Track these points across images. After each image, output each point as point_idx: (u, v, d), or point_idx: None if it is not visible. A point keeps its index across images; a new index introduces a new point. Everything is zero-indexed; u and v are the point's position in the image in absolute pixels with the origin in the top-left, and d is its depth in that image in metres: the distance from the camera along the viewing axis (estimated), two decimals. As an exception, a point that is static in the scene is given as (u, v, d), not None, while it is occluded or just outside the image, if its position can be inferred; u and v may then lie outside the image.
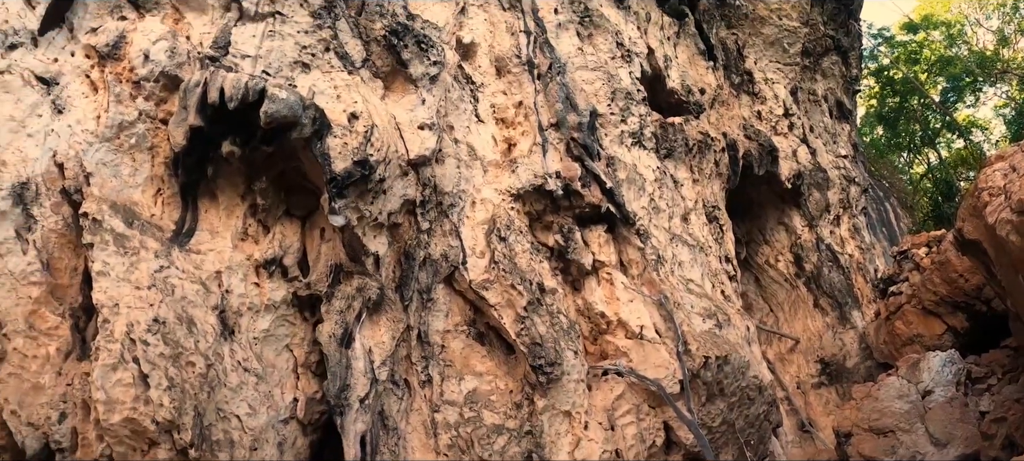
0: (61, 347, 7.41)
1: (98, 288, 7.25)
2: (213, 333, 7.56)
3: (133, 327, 7.09)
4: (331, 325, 8.00)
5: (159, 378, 6.99)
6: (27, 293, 7.37)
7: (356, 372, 7.96)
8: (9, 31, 8.40)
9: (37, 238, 7.54)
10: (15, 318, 7.29)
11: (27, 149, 7.83)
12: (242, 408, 7.56)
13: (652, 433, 9.20)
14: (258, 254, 8.14)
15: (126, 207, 7.69)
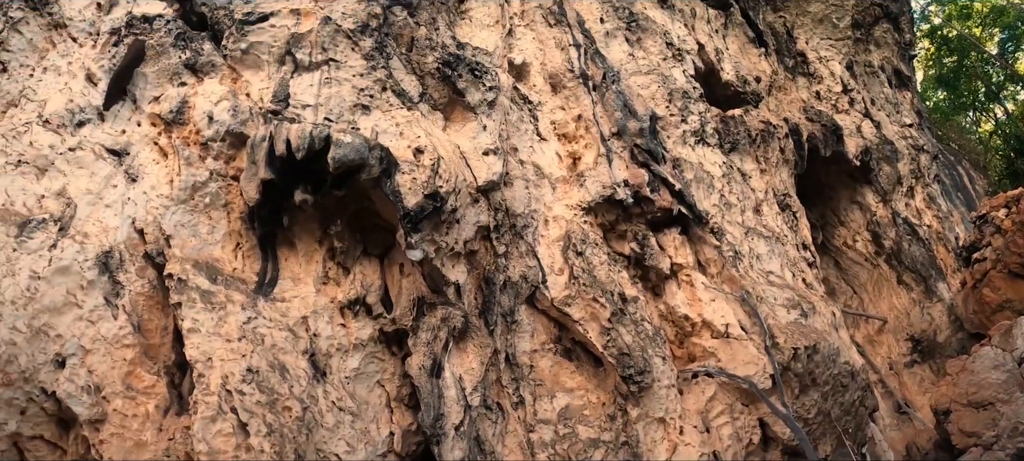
0: (159, 404, 7.58)
1: (190, 344, 7.46)
2: (306, 377, 7.69)
3: (228, 379, 7.27)
4: (420, 357, 8.06)
5: (258, 425, 7.13)
6: (122, 356, 7.58)
7: (449, 401, 8.00)
8: (75, 109, 8.73)
9: (126, 302, 7.77)
10: (112, 380, 7.49)
11: (107, 219, 8.11)
12: (340, 447, 7.66)
13: (748, 431, 9.09)
14: (341, 296, 8.28)
15: (208, 264, 7.92)
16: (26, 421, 7.48)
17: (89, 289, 7.70)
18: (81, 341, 7.52)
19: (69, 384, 7.39)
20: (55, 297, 7.61)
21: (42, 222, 7.96)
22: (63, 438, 7.60)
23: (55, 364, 7.47)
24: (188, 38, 9.30)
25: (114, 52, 9.18)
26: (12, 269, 7.69)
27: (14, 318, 7.49)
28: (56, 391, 7.37)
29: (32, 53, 9.32)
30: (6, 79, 9.12)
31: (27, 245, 7.82)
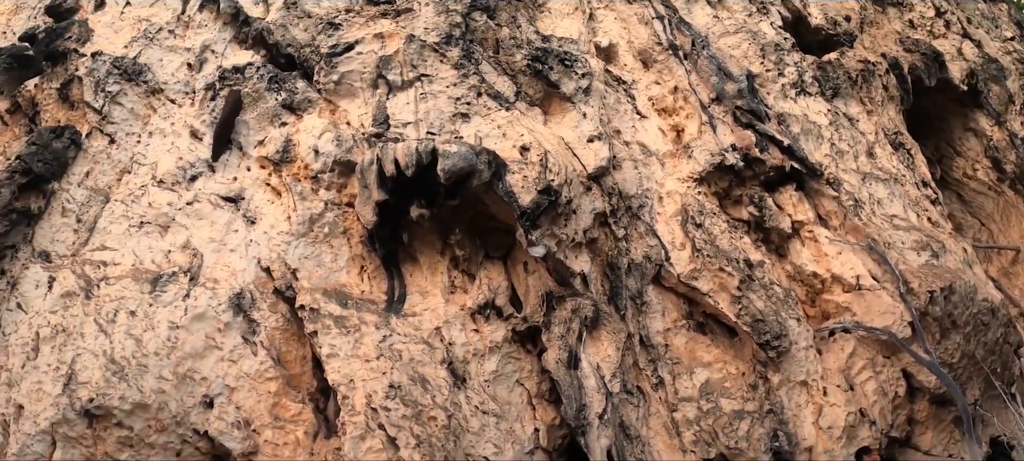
0: (307, 430, 7.78)
1: (330, 369, 7.65)
2: (446, 385, 7.79)
3: (372, 397, 7.42)
4: (555, 351, 8.07)
5: (406, 438, 7.25)
6: (266, 389, 7.83)
7: (589, 390, 7.99)
8: (186, 166, 9.10)
9: (263, 338, 8.02)
10: (260, 414, 7.74)
11: (233, 263, 8.40)
12: (488, 449, 7.72)
13: (892, 384, 8.83)
14: (470, 302, 8.37)
15: (337, 290, 8.12)
16: (180, 460, 7.82)
17: (226, 331, 7.99)
18: (225, 380, 7.81)
19: (219, 422, 7.69)
20: (195, 343, 7.93)
21: (172, 275, 8.31)
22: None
23: (204, 405, 7.78)
24: (281, 80, 9.57)
25: (212, 106, 9.52)
26: (151, 323, 8.05)
27: (160, 368, 7.83)
28: (208, 430, 7.67)
29: (135, 121, 9.75)
30: (115, 149, 9.56)
31: (161, 298, 8.17)
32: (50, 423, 7.83)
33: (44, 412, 7.90)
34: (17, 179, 9.05)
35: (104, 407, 7.73)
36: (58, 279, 8.61)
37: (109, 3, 11.52)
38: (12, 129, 10.31)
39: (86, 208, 9.18)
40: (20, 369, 8.21)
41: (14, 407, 8.12)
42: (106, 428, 7.80)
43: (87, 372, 7.93)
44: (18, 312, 8.63)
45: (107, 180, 9.33)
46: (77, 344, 8.10)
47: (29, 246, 9.02)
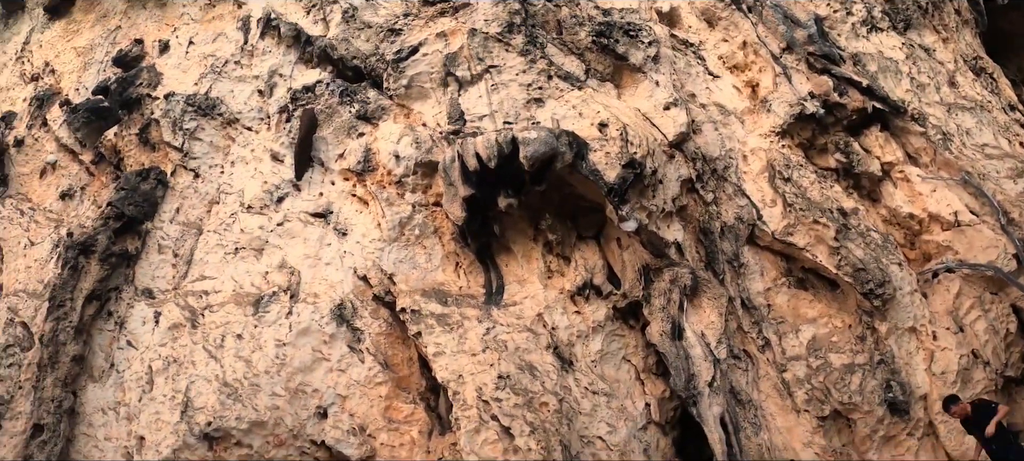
0: (421, 430, 7.90)
1: (438, 367, 7.74)
2: (554, 370, 7.81)
3: (482, 390, 7.49)
4: (658, 324, 8.04)
5: (520, 427, 7.29)
6: (377, 394, 7.98)
7: (696, 360, 7.94)
8: (272, 188, 9.33)
9: (368, 345, 8.17)
10: (373, 418, 7.88)
11: (330, 276, 8.61)
12: (601, 428, 7.73)
13: (1003, 321, 8.60)
14: (568, 285, 8.38)
15: (435, 289, 8.22)
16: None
17: (332, 342, 8.15)
18: (336, 390, 7.98)
19: (335, 431, 7.87)
20: (303, 357, 8.10)
21: (273, 295, 8.51)
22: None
23: (318, 416, 7.98)
24: (352, 92, 9.75)
25: (288, 127, 9.73)
26: (258, 344, 8.25)
27: (272, 385, 8.03)
28: (325, 440, 7.87)
29: (216, 153, 10.00)
30: (201, 183, 9.82)
31: (265, 319, 8.37)
32: (172, 450, 8.06)
33: (165, 440, 8.13)
34: (111, 225, 9.33)
35: (222, 429, 7.93)
36: (163, 313, 8.86)
37: (173, 45, 11.84)
38: (99, 178, 10.62)
39: (181, 242, 9.43)
40: (137, 403, 8.47)
41: (136, 439, 8.35)
42: (226, 448, 7.98)
43: (202, 398, 8.14)
44: (129, 349, 8.90)
45: (197, 213, 9.57)
46: (189, 372, 8.32)
47: (131, 286, 9.29)
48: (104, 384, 8.86)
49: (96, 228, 9.40)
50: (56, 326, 8.86)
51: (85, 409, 8.80)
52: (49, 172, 11.11)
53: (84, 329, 8.97)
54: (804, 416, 8.17)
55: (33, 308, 9.39)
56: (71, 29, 13.80)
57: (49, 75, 13.11)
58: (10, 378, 9.09)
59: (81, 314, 8.95)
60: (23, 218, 10.55)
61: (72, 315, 8.92)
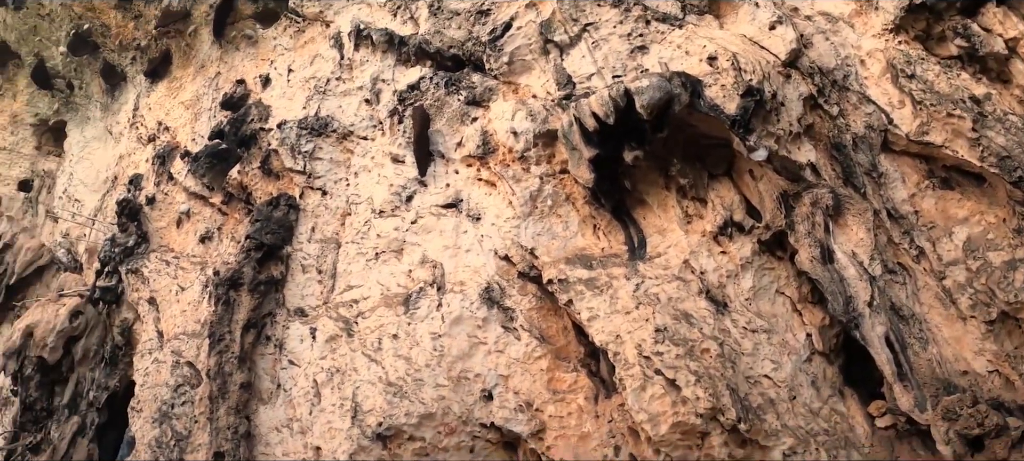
0: (587, 396, 7.92)
1: (594, 331, 7.78)
2: (710, 314, 7.76)
3: (641, 346, 7.49)
4: (806, 250, 7.87)
5: (685, 377, 7.26)
6: (537, 368, 8.06)
7: (851, 281, 7.74)
8: (399, 190, 9.56)
9: (522, 322, 8.27)
10: (538, 392, 7.97)
11: (472, 262, 8.76)
12: (766, 367, 7.62)
13: None
14: (708, 226, 8.30)
15: (579, 256, 8.27)
16: (477, 456, 8.14)
17: (486, 325, 8.29)
18: (498, 371, 8.11)
19: (503, 411, 8.00)
20: (460, 345, 8.27)
21: (420, 291, 8.71)
22: (513, 457, 8.19)
23: (483, 399, 8.12)
24: (456, 81, 9.88)
25: (402, 127, 9.93)
26: (414, 340, 8.46)
27: (434, 378, 8.22)
28: (494, 421, 8.00)
29: (338, 168, 10.30)
30: (330, 199, 10.14)
31: (417, 315, 8.58)
32: (348, 455, 8.34)
33: (340, 447, 8.43)
34: (253, 256, 9.71)
35: (393, 427, 8.16)
36: (319, 328, 9.18)
37: (274, 77, 12.23)
38: (232, 216, 11.08)
39: (322, 258, 9.75)
40: (308, 416, 8.79)
41: (312, 450, 8.68)
42: (400, 445, 8.21)
43: (369, 401, 8.39)
44: (292, 368, 9.25)
45: (332, 228, 9.88)
46: (353, 379, 8.60)
47: (284, 308, 9.65)
48: (274, 404, 9.24)
49: (240, 262, 9.82)
50: (220, 359, 9.29)
51: (260, 430, 9.19)
52: (184, 220, 11.65)
53: (246, 357, 9.36)
54: (971, 323, 7.84)
55: (195, 346, 9.90)
56: (174, 86, 14.43)
57: (164, 133, 13.74)
58: (185, 415, 9.59)
59: (241, 344, 9.35)
60: (169, 268, 11.12)
61: (233, 346, 9.34)
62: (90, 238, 14.39)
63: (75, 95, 17.06)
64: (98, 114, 16.64)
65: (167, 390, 9.92)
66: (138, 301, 11.26)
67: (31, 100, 17.81)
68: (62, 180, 16.52)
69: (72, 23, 16.07)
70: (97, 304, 11.99)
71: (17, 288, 15.88)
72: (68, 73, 16.85)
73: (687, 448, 7.19)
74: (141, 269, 11.36)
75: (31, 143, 18.17)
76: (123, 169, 14.52)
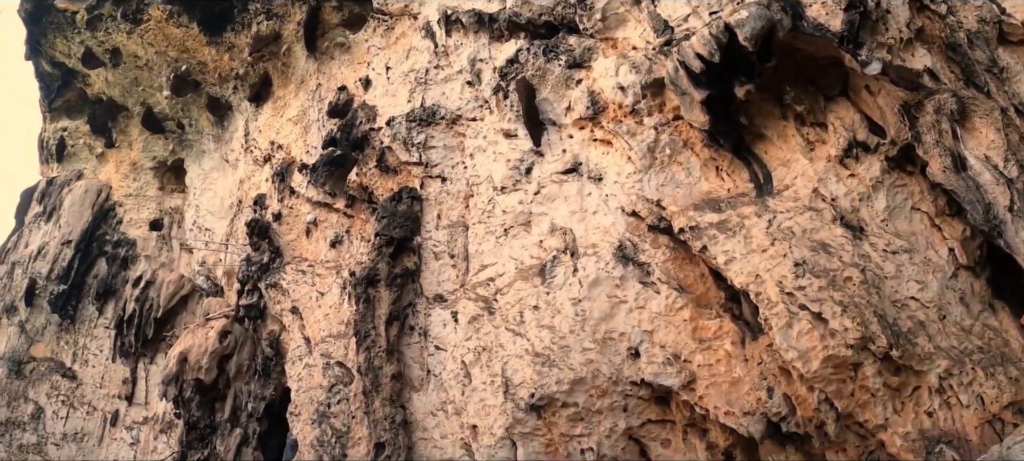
0: (733, 340, 7.91)
1: (732, 274, 7.77)
2: (847, 241, 7.66)
3: (782, 283, 7.45)
4: (936, 160, 7.68)
5: (830, 309, 7.19)
6: (680, 319, 8.11)
7: (987, 186, 7.50)
8: (516, 163, 9.75)
9: (659, 275, 8.33)
10: (684, 343, 8.01)
11: (600, 223, 8.87)
12: (911, 288, 7.49)
13: None
14: (832, 150, 8.18)
15: (706, 200, 8.27)
16: (630, 415, 8.26)
17: (623, 284, 8.37)
18: (641, 327, 8.18)
19: (651, 366, 8.07)
20: (601, 307, 8.37)
21: (554, 259, 8.86)
22: (666, 411, 8.26)
23: (631, 357, 8.21)
24: (553, 47, 9.95)
25: (508, 102, 10.08)
26: (555, 309, 8.61)
27: (579, 342, 8.36)
28: (643, 378, 8.08)
29: (453, 153, 10.54)
30: (450, 184, 10.38)
31: (554, 283, 8.73)
32: (504, 429, 8.56)
33: (496, 422, 8.66)
34: (385, 251, 10.04)
35: (545, 396, 8.34)
36: (459, 311, 9.44)
37: (373, 77, 12.54)
38: (358, 218, 11.45)
39: (453, 243, 9.99)
40: (461, 397, 9.06)
41: (469, 429, 8.94)
42: (554, 413, 8.39)
43: (519, 374, 8.59)
44: (439, 353, 9.55)
45: (457, 212, 10.11)
46: (500, 355, 8.81)
47: (422, 297, 9.94)
48: (426, 390, 9.56)
49: (373, 260, 10.17)
50: (368, 354, 9.66)
51: (415, 417, 9.54)
52: (313, 229, 12.11)
53: (394, 349, 9.71)
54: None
55: (343, 346, 10.33)
56: (278, 106, 14.96)
57: (278, 151, 14.28)
58: (342, 412, 10.03)
59: (387, 337, 9.70)
60: (306, 276, 11.60)
61: (379, 341, 9.69)
62: (226, 262, 15.10)
63: (187, 133, 17.90)
64: (212, 146, 17.42)
65: (322, 391, 10.37)
66: (281, 313, 11.78)
67: (146, 146, 18.82)
68: (190, 213, 17.36)
69: (170, 68, 16.84)
70: (243, 321, 12.60)
71: (165, 320, 16.89)
72: (175, 114, 17.69)
73: (841, 382, 7.14)
74: (279, 282, 11.87)
75: (154, 185, 19.19)
76: (246, 192, 15.16)
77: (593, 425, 8.33)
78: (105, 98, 18.94)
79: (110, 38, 17.25)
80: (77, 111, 20.30)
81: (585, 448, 8.39)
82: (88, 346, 18.39)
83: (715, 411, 7.76)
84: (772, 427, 7.52)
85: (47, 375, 18.72)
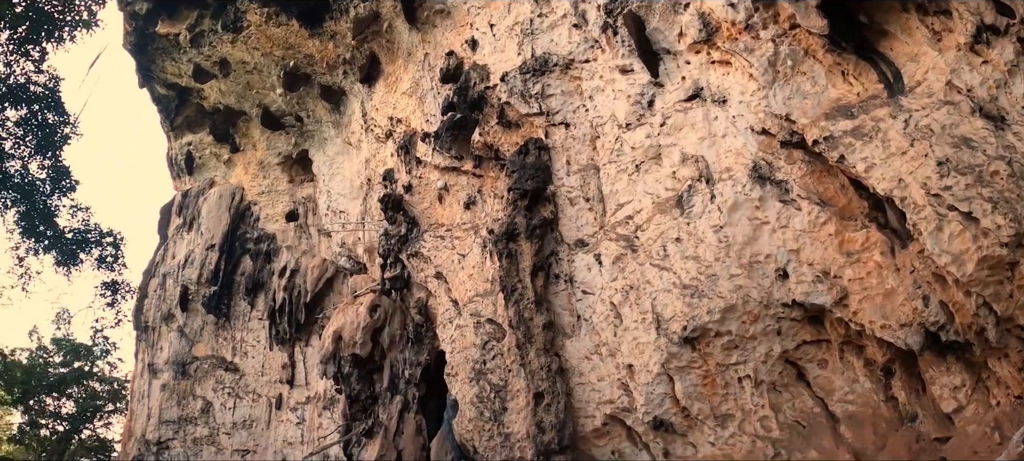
0: (882, 251, 7.78)
1: (873, 180, 7.64)
2: (989, 133, 7.36)
3: (927, 185, 7.30)
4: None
5: (980, 207, 7.01)
6: (825, 234, 8.05)
7: None
8: (637, 98, 9.92)
9: (798, 191, 8.27)
10: (832, 258, 7.95)
11: (731, 144, 8.90)
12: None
13: None
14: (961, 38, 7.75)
15: (836, 108, 8.13)
16: (785, 338, 8.34)
17: (763, 205, 8.38)
18: (786, 247, 8.19)
19: (800, 286, 8.08)
20: (744, 231, 8.44)
21: (689, 189, 8.96)
22: (821, 331, 8.27)
23: (779, 279, 8.25)
24: (655, -23, 9.95)
25: (618, 38, 10.16)
26: (698, 238, 8.73)
27: (727, 270, 8.46)
28: (794, 299, 8.11)
29: (571, 97, 10.74)
30: (574, 129, 10.58)
31: (693, 213, 8.84)
32: (660, 365, 8.79)
33: (651, 359, 8.88)
34: (520, 205, 10.33)
35: (698, 327, 8.50)
36: (602, 253, 9.65)
37: (478, 37, 12.77)
38: (488, 176, 11.78)
39: (586, 187, 10.19)
40: (614, 338, 9.30)
41: (625, 369, 9.18)
42: (708, 344, 8.54)
43: (669, 308, 8.77)
44: (587, 297, 9.81)
45: (586, 155, 10.30)
46: (648, 291, 8.99)
47: (564, 245, 10.21)
48: (578, 336, 9.87)
49: (509, 215, 10.50)
50: (517, 308, 10.02)
51: (571, 363, 9.86)
52: (445, 195, 12.54)
53: (541, 299, 10.04)
54: None
55: (491, 304, 10.72)
56: (390, 82, 15.41)
57: (397, 125, 14.76)
58: (498, 367, 10.44)
59: (533, 288, 10.03)
60: (445, 241, 12.05)
61: (527, 293, 10.03)
62: (365, 239, 15.78)
63: (306, 124, 18.64)
64: (332, 132, 18.10)
65: (475, 350, 10.81)
66: (426, 279, 12.27)
67: (269, 144, 19.73)
68: (322, 199, 18.15)
69: (278, 66, 17.56)
70: (389, 294, 13.21)
71: (314, 304, 17.79)
72: (292, 108, 18.45)
73: (998, 284, 6.95)
74: (420, 250, 12.36)
75: (284, 179, 20.14)
76: (373, 170, 15.75)
77: (748, 352, 8.47)
78: (222, 107, 19.96)
79: (215, 51, 18.16)
80: (198, 124, 21.51)
81: (742, 376, 8.55)
82: (245, 339, 19.58)
83: (870, 326, 7.71)
84: (930, 338, 7.44)
85: (211, 371, 20.05)
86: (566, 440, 9.56)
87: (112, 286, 18.25)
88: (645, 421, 9.02)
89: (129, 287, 19.18)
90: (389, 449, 13.07)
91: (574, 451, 9.63)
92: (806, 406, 8.27)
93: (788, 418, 8.30)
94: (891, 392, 7.76)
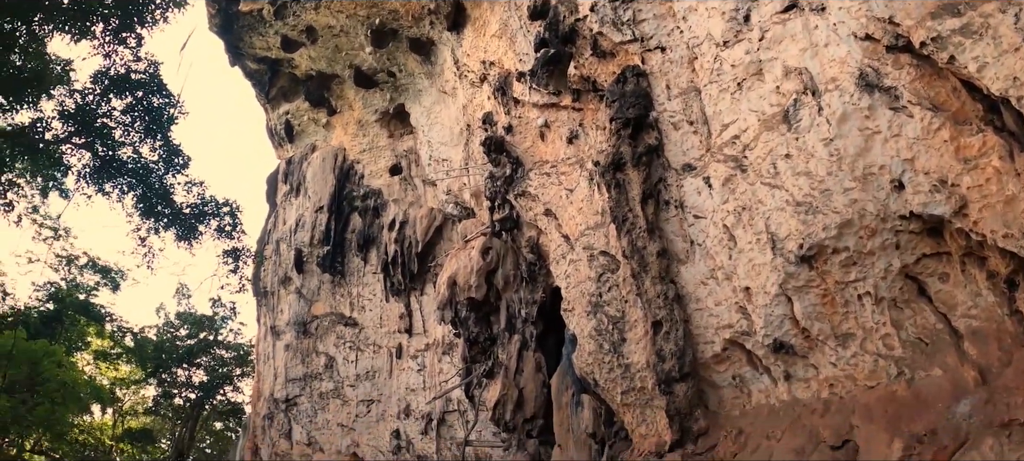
0: (1000, 155, 7.46)
1: (987, 81, 7.37)
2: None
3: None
4: None
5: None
6: (939, 140, 7.83)
7: None
8: (733, 13, 9.77)
9: (908, 97, 8.05)
10: (948, 166, 7.74)
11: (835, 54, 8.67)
12: None
13: None
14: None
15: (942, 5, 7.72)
16: (904, 252, 8.26)
17: (873, 114, 8.22)
18: (900, 157, 8.06)
19: (917, 196, 7.95)
20: (855, 142, 8.35)
21: (796, 103, 8.89)
22: (941, 243, 8.12)
23: (895, 190, 8.13)
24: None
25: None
26: (809, 153, 8.70)
27: (839, 184, 8.43)
28: (912, 210, 8.00)
29: (664, 20, 10.82)
30: (670, 52, 10.62)
31: (801, 128, 8.80)
32: (778, 285, 8.89)
33: (769, 280, 8.98)
34: (623, 134, 10.50)
35: (815, 245, 8.54)
36: (711, 175, 9.75)
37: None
38: (588, 109, 11.96)
39: (688, 110, 10.26)
40: (729, 261, 9.42)
41: (742, 292, 9.31)
42: (825, 261, 8.57)
43: (784, 227, 8.83)
44: (699, 222, 9.95)
45: (685, 78, 10.35)
46: (761, 211, 9.05)
47: (671, 170, 10.34)
48: (693, 262, 10.05)
49: (614, 145, 10.68)
50: (630, 238, 10.26)
51: (687, 290, 10.07)
52: (546, 132, 12.79)
53: (653, 227, 10.24)
54: None
55: (603, 236, 10.99)
56: (478, 27, 15.66)
57: (491, 68, 15.04)
58: (615, 299, 10.72)
59: (644, 217, 10.24)
60: (551, 178, 12.34)
61: (638, 222, 10.25)
62: (470, 184, 16.23)
63: (399, 79, 19.13)
64: (426, 83, 18.52)
65: (591, 283, 11.11)
66: (535, 218, 12.60)
67: (365, 102, 20.34)
68: (424, 150, 18.67)
69: (365, 26, 18.04)
70: (500, 235, 13.62)
71: (425, 253, 18.46)
72: (383, 65, 18.94)
73: None
74: (527, 190, 12.68)
75: (383, 135, 20.80)
76: (471, 115, 16.11)
77: (867, 268, 8.46)
78: (314, 73, 20.67)
79: (300, 20, 18.81)
80: (292, 93, 22.37)
81: (862, 293, 8.55)
82: (362, 293, 20.47)
83: (992, 235, 7.50)
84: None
85: (331, 328, 21.06)
86: (686, 367, 9.81)
87: (234, 253, 19.19)
88: (765, 344, 9.17)
89: (250, 252, 20.17)
90: (510, 388, 13.62)
91: (695, 378, 9.87)
92: (928, 322, 8.20)
93: (910, 335, 8.27)
94: (1016, 305, 7.56)
